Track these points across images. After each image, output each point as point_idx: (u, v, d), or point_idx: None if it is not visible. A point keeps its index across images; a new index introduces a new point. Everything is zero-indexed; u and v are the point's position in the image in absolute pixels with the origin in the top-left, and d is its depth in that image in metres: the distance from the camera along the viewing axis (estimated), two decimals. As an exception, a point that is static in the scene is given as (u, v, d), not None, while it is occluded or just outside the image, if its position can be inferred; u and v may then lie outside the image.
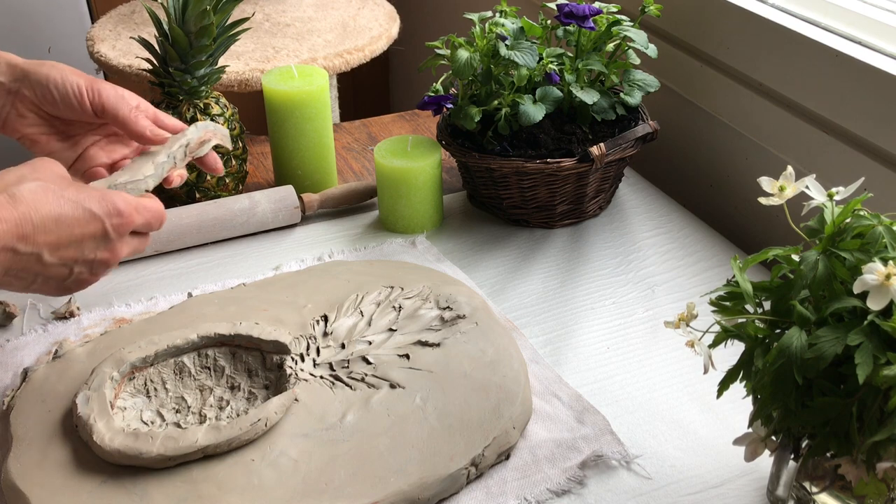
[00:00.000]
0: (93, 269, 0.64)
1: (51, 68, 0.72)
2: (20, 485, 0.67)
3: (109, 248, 0.64)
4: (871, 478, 0.56)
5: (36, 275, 0.62)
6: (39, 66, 0.72)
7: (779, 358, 0.56)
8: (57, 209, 0.60)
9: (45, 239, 0.60)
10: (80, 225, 0.62)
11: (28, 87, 0.72)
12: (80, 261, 0.63)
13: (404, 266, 0.94)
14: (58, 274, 0.63)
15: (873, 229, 0.58)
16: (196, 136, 0.78)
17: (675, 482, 0.72)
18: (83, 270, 0.64)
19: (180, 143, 0.76)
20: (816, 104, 0.96)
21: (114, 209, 0.64)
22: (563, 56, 1.04)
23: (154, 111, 0.77)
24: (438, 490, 0.69)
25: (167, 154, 0.75)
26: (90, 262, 0.64)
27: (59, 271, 0.62)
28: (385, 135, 1.29)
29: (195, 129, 0.78)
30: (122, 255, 0.65)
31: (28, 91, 0.72)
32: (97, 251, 0.63)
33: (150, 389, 0.75)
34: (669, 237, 1.04)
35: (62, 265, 0.62)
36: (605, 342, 0.88)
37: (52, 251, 0.61)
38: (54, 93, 0.71)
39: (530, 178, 1.01)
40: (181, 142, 0.76)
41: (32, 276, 0.62)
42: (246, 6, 1.67)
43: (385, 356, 0.78)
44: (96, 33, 1.56)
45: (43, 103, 0.72)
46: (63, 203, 0.61)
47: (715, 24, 1.08)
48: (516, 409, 0.75)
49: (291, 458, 0.69)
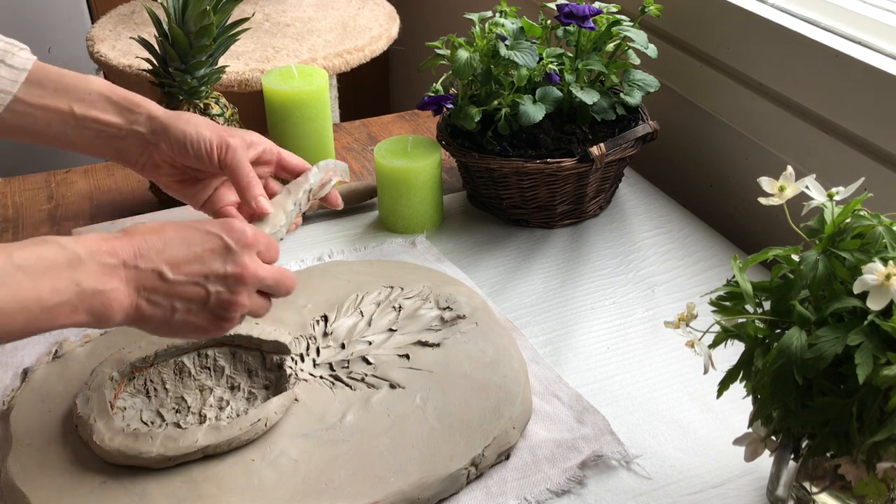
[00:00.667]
0: (229, 287, 0.63)
1: (186, 124, 0.75)
2: (20, 485, 0.67)
3: (236, 262, 0.63)
4: (871, 478, 0.56)
5: (171, 297, 0.61)
6: (177, 121, 0.75)
7: (779, 358, 0.56)
8: (171, 233, 0.62)
9: (163, 256, 0.61)
10: (198, 242, 0.62)
11: (166, 141, 0.75)
12: (210, 276, 0.62)
13: (404, 266, 0.94)
14: (194, 294, 0.62)
15: (873, 229, 0.58)
16: (317, 179, 0.80)
17: (675, 482, 0.72)
18: (220, 289, 0.63)
19: (304, 188, 0.78)
20: (816, 104, 0.96)
21: (228, 224, 0.65)
22: (563, 56, 1.04)
23: (279, 153, 0.80)
24: (438, 490, 0.69)
25: (293, 202, 0.77)
26: (222, 278, 0.63)
27: (192, 290, 0.62)
28: (385, 135, 1.29)
29: (317, 172, 0.80)
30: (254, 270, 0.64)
31: (165, 145, 0.75)
32: (225, 265, 0.63)
33: (150, 389, 0.75)
34: (669, 237, 1.04)
35: (192, 283, 0.62)
36: (605, 342, 0.88)
37: (173, 268, 0.61)
38: (189, 149, 0.74)
39: (530, 178, 1.01)
40: (304, 187, 0.78)
41: (169, 301, 0.61)
42: (246, 6, 1.67)
43: (385, 356, 0.78)
44: (96, 33, 1.56)
45: (177, 157, 0.76)
46: (177, 227, 0.63)
47: (715, 24, 1.08)
48: (516, 409, 0.75)
49: (291, 458, 0.69)
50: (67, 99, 0.73)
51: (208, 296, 0.62)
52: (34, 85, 0.73)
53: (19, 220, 1.09)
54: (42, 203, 1.12)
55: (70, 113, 0.73)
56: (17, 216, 1.09)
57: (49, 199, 1.13)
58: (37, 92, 0.73)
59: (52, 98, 0.73)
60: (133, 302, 0.60)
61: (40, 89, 0.73)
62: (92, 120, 0.74)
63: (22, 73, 0.72)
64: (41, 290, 0.55)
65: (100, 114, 0.74)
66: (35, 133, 0.74)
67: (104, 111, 0.74)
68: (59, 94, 0.73)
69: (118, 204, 1.11)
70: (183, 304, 0.62)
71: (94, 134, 0.75)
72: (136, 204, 1.11)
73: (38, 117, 0.73)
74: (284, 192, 0.78)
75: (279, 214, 0.76)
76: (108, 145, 0.76)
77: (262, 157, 0.79)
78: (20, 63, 0.72)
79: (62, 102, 0.73)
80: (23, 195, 1.14)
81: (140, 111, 0.75)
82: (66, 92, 0.73)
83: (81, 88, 0.74)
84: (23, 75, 0.72)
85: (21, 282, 0.54)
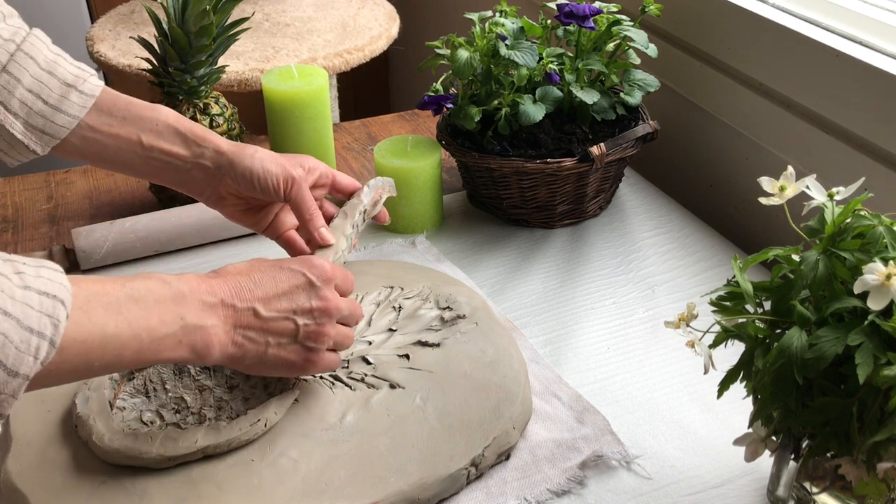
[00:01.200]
0: (315, 319, 0.67)
1: (252, 159, 0.76)
2: (20, 485, 0.67)
3: (320, 296, 0.67)
4: (871, 478, 0.56)
5: (265, 333, 0.65)
6: (242, 157, 0.77)
7: (779, 358, 0.56)
8: (260, 272, 0.66)
9: (257, 294, 0.65)
10: (285, 279, 0.67)
11: (231, 176, 0.77)
12: (298, 311, 0.66)
13: (404, 266, 0.94)
14: (285, 329, 0.66)
15: (874, 229, 0.58)
16: (370, 199, 0.83)
17: (675, 482, 0.72)
18: (308, 322, 0.66)
19: (359, 210, 0.81)
20: (816, 104, 0.96)
21: (309, 262, 0.69)
22: (563, 56, 1.04)
23: (333, 175, 0.82)
24: (438, 490, 0.69)
25: (351, 225, 0.80)
26: (308, 312, 0.66)
27: (283, 325, 0.66)
28: (385, 135, 1.29)
29: (368, 191, 0.83)
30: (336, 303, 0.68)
31: (231, 180, 0.77)
32: (310, 300, 0.67)
33: (150, 389, 0.75)
34: (669, 237, 1.04)
35: (283, 318, 0.65)
36: (605, 342, 0.88)
37: (265, 304, 0.65)
38: (256, 184, 0.76)
39: (530, 178, 1.01)
40: (359, 209, 0.82)
41: (263, 337, 0.65)
42: (246, 6, 1.67)
43: (385, 356, 0.78)
44: (96, 33, 1.56)
45: (243, 190, 0.77)
46: (264, 266, 0.67)
47: (715, 24, 1.08)
48: (516, 409, 0.74)
49: (291, 458, 0.69)
50: (136, 129, 0.75)
51: (298, 329, 0.66)
52: (104, 113, 0.75)
53: (19, 219, 1.09)
54: (42, 203, 1.12)
55: (138, 143, 0.75)
56: (17, 216, 1.09)
57: (49, 199, 1.13)
58: (107, 120, 0.75)
59: (121, 127, 0.75)
60: (231, 339, 0.63)
61: (110, 118, 0.75)
62: (159, 150, 0.76)
63: (90, 99, 0.74)
64: (151, 320, 0.58)
65: (167, 145, 0.76)
66: (104, 160, 0.76)
67: (171, 143, 0.76)
68: (128, 123, 0.75)
69: (118, 204, 1.11)
70: (275, 339, 0.66)
71: (161, 165, 0.77)
72: (136, 204, 1.11)
73: (108, 145, 0.75)
74: (341, 216, 0.81)
75: (340, 240, 0.78)
76: (173, 176, 0.78)
77: (318, 181, 0.81)
78: (89, 89, 0.74)
79: (131, 132, 0.75)
80: (23, 195, 1.14)
81: (206, 145, 0.77)
82: (134, 122, 0.75)
83: (149, 118, 0.76)
84: (91, 101, 0.74)
85: (133, 311, 0.57)
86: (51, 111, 0.73)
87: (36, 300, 0.51)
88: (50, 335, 0.51)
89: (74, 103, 0.73)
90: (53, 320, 0.51)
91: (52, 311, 0.51)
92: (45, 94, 0.73)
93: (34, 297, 0.51)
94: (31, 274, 0.52)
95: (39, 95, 0.72)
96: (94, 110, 0.74)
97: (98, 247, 0.96)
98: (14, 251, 1.02)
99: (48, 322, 0.51)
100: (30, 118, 0.73)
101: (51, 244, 1.03)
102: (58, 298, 0.52)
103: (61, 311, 0.52)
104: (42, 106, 0.73)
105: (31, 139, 0.73)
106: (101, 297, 0.56)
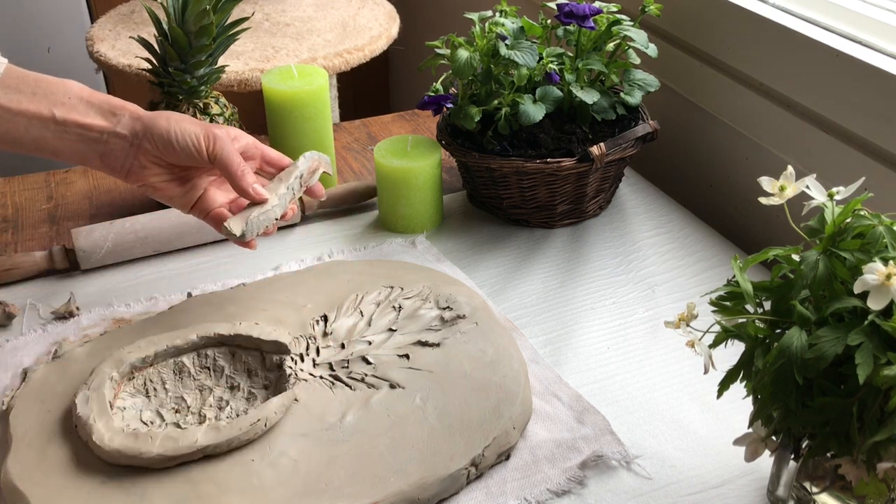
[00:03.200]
0: None
1: (168, 120, 0.75)
2: (20, 485, 0.67)
3: None
4: (871, 478, 0.56)
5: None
6: (157, 119, 0.75)
7: (779, 358, 0.56)
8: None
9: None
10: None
11: (150, 140, 0.75)
12: None
13: (404, 266, 0.94)
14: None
15: (874, 229, 0.58)
16: (307, 166, 0.84)
17: (675, 482, 0.72)
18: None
19: (294, 175, 0.82)
20: (816, 104, 0.96)
21: None
22: (563, 56, 1.04)
23: (262, 149, 0.82)
24: (438, 490, 0.69)
25: (286, 186, 0.80)
26: None
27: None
28: (385, 135, 1.29)
29: (304, 161, 0.84)
30: None
31: (150, 144, 0.75)
32: None
33: (150, 389, 0.75)
34: (669, 237, 1.04)
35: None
36: (605, 342, 0.88)
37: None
38: (175, 145, 0.75)
39: (530, 178, 1.01)
40: (295, 174, 0.82)
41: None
42: (246, 6, 1.67)
43: (385, 356, 0.78)
44: (96, 33, 1.56)
45: (164, 154, 0.76)
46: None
47: (715, 24, 1.08)
48: (516, 409, 0.74)
49: (291, 458, 0.69)
50: (47, 103, 0.72)
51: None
52: (12, 89, 0.72)
53: (19, 219, 1.09)
54: (42, 203, 1.12)
55: (51, 118, 0.72)
56: (17, 216, 1.09)
57: (48, 198, 1.13)
58: (14, 97, 0.72)
59: (30, 102, 0.72)
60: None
61: (18, 94, 0.72)
62: (73, 123, 0.73)
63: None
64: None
65: (81, 117, 0.73)
66: (14, 140, 0.73)
67: (85, 115, 0.74)
68: (38, 98, 0.72)
69: (118, 204, 1.11)
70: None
71: (76, 138, 0.74)
72: (136, 204, 1.11)
73: (18, 122, 0.72)
74: (276, 181, 0.81)
75: (272, 198, 0.78)
76: (91, 150, 0.75)
77: (245, 151, 0.80)
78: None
79: (42, 107, 0.72)
80: (22, 195, 1.13)
81: (122, 112, 0.75)
82: (45, 96, 0.72)
83: (60, 92, 0.73)
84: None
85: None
86: None
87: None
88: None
89: None
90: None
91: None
92: None
93: None
94: None
95: None
96: (1, 89, 0.71)
97: (98, 247, 0.96)
98: (14, 251, 1.02)
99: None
100: None
101: (51, 244, 1.03)
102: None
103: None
104: None
105: None
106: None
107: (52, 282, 0.95)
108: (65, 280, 0.96)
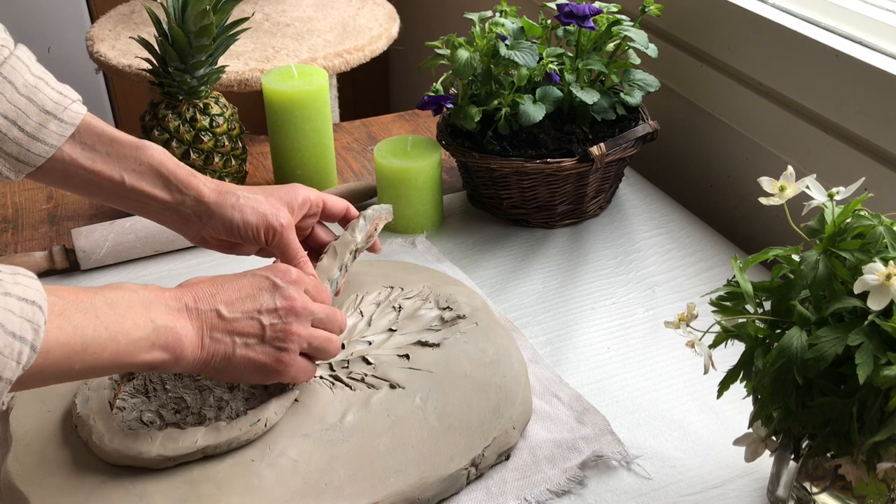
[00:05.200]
0: (282, 318, 0.67)
1: (232, 210, 0.76)
2: (20, 485, 0.67)
3: (285, 296, 0.68)
4: (871, 478, 0.56)
5: (230, 334, 0.65)
6: (222, 208, 0.76)
7: (779, 358, 0.56)
8: (222, 279, 0.68)
9: (219, 298, 0.66)
10: (248, 283, 0.68)
11: (212, 225, 0.77)
12: (263, 311, 0.67)
13: (404, 266, 0.93)
14: (249, 328, 0.66)
15: (874, 229, 0.58)
16: (364, 234, 0.82)
17: (675, 482, 0.72)
18: (274, 322, 0.67)
19: (350, 248, 0.80)
20: (816, 104, 0.96)
21: (273, 266, 0.70)
22: (563, 56, 1.04)
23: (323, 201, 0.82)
24: (438, 490, 0.69)
25: (339, 267, 0.79)
26: (274, 311, 0.67)
27: (248, 325, 0.66)
28: (385, 135, 1.29)
29: (363, 225, 0.82)
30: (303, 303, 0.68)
31: (211, 228, 0.77)
32: (275, 300, 0.67)
33: (150, 389, 0.75)
34: (669, 237, 1.04)
35: (247, 318, 0.66)
36: (605, 342, 0.88)
37: (228, 306, 0.66)
38: (236, 234, 0.77)
39: (530, 178, 1.01)
40: (350, 247, 0.81)
41: (229, 338, 0.66)
42: (246, 6, 1.67)
43: (385, 356, 0.78)
44: (96, 33, 1.56)
45: (225, 237, 0.78)
46: (227, 276, 0.69)
47: (715, 24, 1.08)
48: (516, 410, 0.74)
49: (291, 458, 0.69)
50: (119, 167, 0.74)
51: (264, 329, 0.67)
52: (88, 147, 0.74)
53: (19, 220, 1.09)
54: (42, 203, 1.12)
55: (120, 182, 0.75)
56: (17, 216, 1.09)
57: (49, 199, 1.13)
58: (89, 155, 0.74)
59: (103, 164, 0.74)
60: (200, 340, 0.64)
61: (92, 152, 0.74)
62: (140, 192, 0.75)
63: (69, 128, 0.72)
64: (125, 323, 0.59)
65: (149, 188, 0.75)
66: (85, 192, 0.76)
67: (153, 185, 0.75)
68: (112, 160, 0.74)
69: (118, 204, 1.11)
70: (241, 339, 0.66)
71: (141, 205, 0.76)
72: (136, 204, 1.11)
73: (90, 180, 0.74)
74: (330, 255, 0.80)
75: (324, 284, 0.78)
76: (154, 216, 0.78)
77: (308, 212, 0.81)
78: (69, 117, 0.73)
79: (114, 170, 0.74)
80: (23, 195, 1.14)
81: (188, 192, 0.76)
82: (118, 160, 0.75)
83: (133, 158, 0.75)
84: (69, 129, 0.72)
85: (109, 315, 0.59)
86: (27, 139, 0.71)
87: (16, 306, 0.52)
88: (31, 340, 0.52)
89: (52, 132, 0.71)
90: (34, 325, 0.52)
91: (31, 317, 0.52)
92: (21, 121, 0.70)
93: (14, 302, 0.52)
94: (8, 281, 0.53)
95: (16, 122, 0.70)
96: (77, 143, 0.73)
97: (98, 247, 0.96)
98: (14, 251, 1.02)
99: (29, 327, 0.52)
100: (3, 144, 0.70)
101: (51, 244, 1.03)
102: (36, 304, 0.53)
103: (40, 317, 0.53)
104: (18, 133, 0.70)
105: (5, 165, 0.71)
106: (77, 304, 0.57)
107: (53, 282, 0.95)
108: (65, 280, 0.96)
